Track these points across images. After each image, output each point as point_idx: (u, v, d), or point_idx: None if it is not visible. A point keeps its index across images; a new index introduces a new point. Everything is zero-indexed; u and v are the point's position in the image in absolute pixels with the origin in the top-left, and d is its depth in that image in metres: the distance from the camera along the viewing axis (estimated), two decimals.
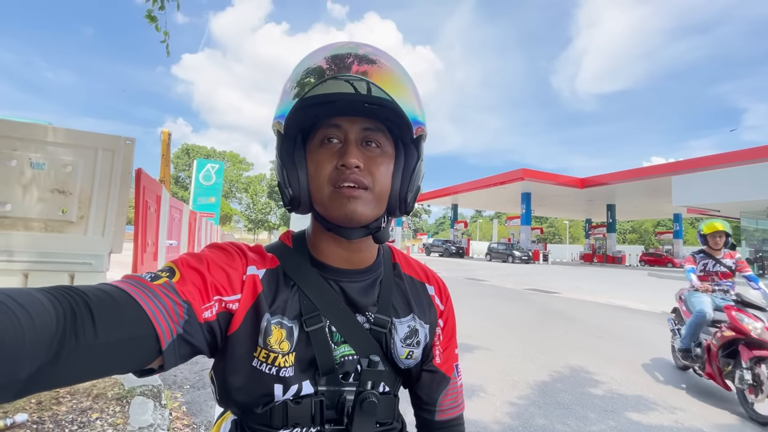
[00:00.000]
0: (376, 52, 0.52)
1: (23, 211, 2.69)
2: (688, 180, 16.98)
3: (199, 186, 20.08)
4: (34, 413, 2.03)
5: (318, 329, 0.53)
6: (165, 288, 0.44)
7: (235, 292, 0.50)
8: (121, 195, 2.97)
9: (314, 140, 0.54)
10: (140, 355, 0.40)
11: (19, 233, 2.69)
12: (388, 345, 0.58)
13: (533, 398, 3.01)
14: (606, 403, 2.95)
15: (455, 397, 0.66)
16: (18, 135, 2.71)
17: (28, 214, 2.70)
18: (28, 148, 2.74)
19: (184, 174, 48.95)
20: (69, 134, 2.85)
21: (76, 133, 2.89)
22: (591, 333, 5.39)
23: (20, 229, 2.70)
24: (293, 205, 0.54)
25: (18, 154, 2.71)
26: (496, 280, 12.77)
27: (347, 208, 0.51)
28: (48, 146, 2.78)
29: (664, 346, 4.69)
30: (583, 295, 9.49)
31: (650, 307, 7.88)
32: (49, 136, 2.75)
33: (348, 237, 0.54)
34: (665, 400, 3.07)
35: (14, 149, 2.72)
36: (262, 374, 0.51)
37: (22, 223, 2.70)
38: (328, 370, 0.53)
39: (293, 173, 0.53)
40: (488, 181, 26.15)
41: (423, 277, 0.66)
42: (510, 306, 7.64)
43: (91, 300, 0.36)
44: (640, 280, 14.27)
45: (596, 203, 28.91)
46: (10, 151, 2.69)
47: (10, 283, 2.62)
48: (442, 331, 0.65)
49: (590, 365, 3.88)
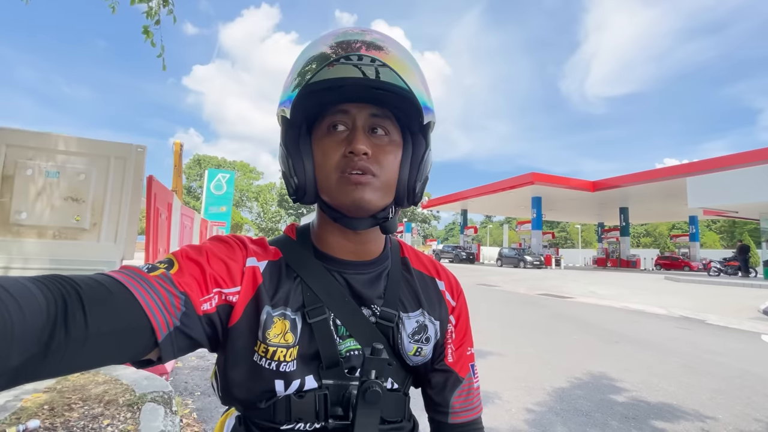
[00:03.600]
0: (383, 38, 0.50)
1: (37, 219, 2.72)
2: (704, 181, 16.57)
3: (211, 195, 20.36)
4: (47, 419, 2.02)
5: (321, 321, 0.52)
6: (161, 279, 0.43)
7: (235, 284, 0.49)
8: (132, 202, 3.00)
9: (320, 127, 0.53)
10: (134, 346, 0.39)
11: (33, 241, 2.73)
12: (395, 340, 0.56)
13: (551, 405, 2.91)
14: (628, 410, 2.84)
15: (471, 399, 0.61)
16: (32, 144, 2.76)
17: (41, 222, 2.73)
18: (42, 157, 2.78)
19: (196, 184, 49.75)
20: (81, 143, 2.89)
21: (88, 141, 2.93)
22: (607, 338, 5.24)
23: (34, 237, 2.73)
24: (298, 194, 0.53)
25: (33, 163, 2.75)
26: (508, 285, 12.58)
27: (355, 194, 0.50)
28: (61, 155, 2.82)
29: (685, 351, 4.53)
30: (597, 300, 9.27)
31: (668, 312, 7.66)
32: (62, 144, 2.79)
33: (355, 227, 0.53)
34: (691, 407, 2.94)
35: (29, 158, 2.76)
36: (262, 369, 0.49)
37: (36, 230, 2.74)
38: (332, 363, 0.51)
39: (299, 161, 0.52)
40: (498, 185, 25.94)
41: (433, 272, 0.64)
42: (523, 311, 7.49)
43: (83, 290, 0.36)
44: (657, 284, 13.92)
45: (608, 206, 28.42)
46: (26, 161, 2.74)
47: None
48: (455, 328, 0.62)
49: (609, 371, 3.76)
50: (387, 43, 0.50)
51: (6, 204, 2.69)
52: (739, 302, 9.02)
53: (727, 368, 3.94)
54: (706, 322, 6.58)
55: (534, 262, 23.58)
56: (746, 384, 3.47)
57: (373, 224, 0.54)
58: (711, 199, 16.24)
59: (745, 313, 7.63)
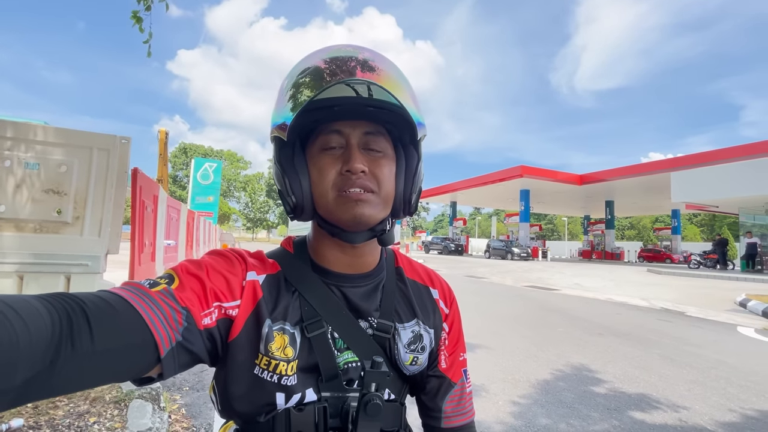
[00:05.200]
0: (374, 56, 0.52)
1: (15, 212, 2.64)
2: (687, 176, 16.95)
3: (197, 185, 20.04)
4: (30, 418, 1.99)
5: (320, 335, 0.52)
6: (163, 295, 0.43)
7: (235, 298, 0.49)
8: (117, 195, 2.93)
9: (314, 145, 0.54)
10: (138, 363, 0.39)
11: (10, 234, 2.64)
12: (392, 351, 0.57)
13: (536, 397, 2.99)
14: (609, 402, 2.93)
15: (463, 404, 0.63)
16: (9, 135, 2.65)
17: (20, 215, 2.65)
18: (21, 147, 2.68)
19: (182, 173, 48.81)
20: (61, 133, 2.80)
21: (68, 132, 2.83)
22: (592, 330, 5.37)
23: (12, 231, 2.65)
24: (296, 212, 0.54)
25: (11, 154, 2.66)
26: (496, 277, 12.76)
27: (355, 210, 0.51)
28: (41, 146, 2.73)
29: (665, 343, 4.68)
30: (582, 292, 9.48)
31: (650, 304, 7.88)
32: (40, 135, 2.69)
33: (353, 241, 0.54)
34: (669, 398, 3.04)
35: (7, 149, 2.66)
36: (263, 382, 0.50)
37: (14, 223, 2.65)
38: (331, 376, 0.52)
39: (295, 180, 0.52)
40: (487, 178, 26.11)
41: (427, 280, 0.65)
42: (510, 303, 7.62)
43: (88, 307, 0.36)
44: (640, 276, 14.29)
45: (595, 200, 28.92)
46: (3, 151, 2.64)
47: (4, 285, 2.57)
48: (448, 335, 0.64)
49: (592, 363, 3.86)
50: (378, 59, 0.51)
51: None
52: (717, 294, 9.33)
53: (704, 359, 4.09)
54: (686, 314, 6.80)
55: (521, 254, 23.93)
56: (721, 375, 3.61)
57: (370, 237, 0.55)
58: (694, 194, 16.63)
59: (723, 305, 7.90)
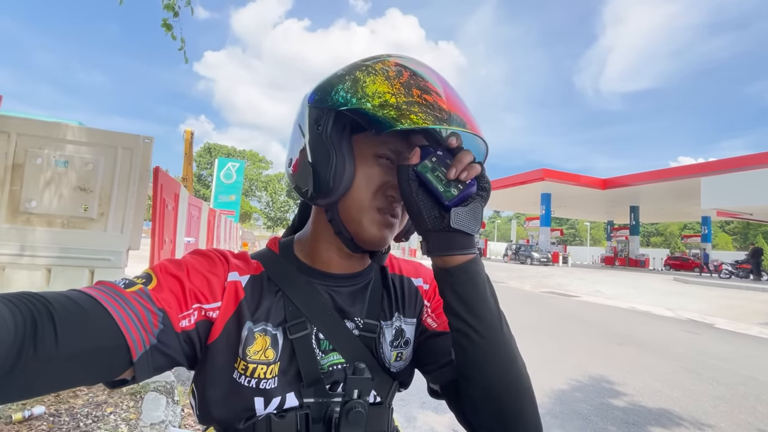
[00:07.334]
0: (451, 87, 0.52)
1: (46, 208, 2.76)
2: (718, 181, 16.16)
3: (220, 184, 20.52)
4: (51, 405, 2.08)
5: (303, 337, 0.51)
6: (138, 296, 0.42)
7: (216, 299, 0.48)
8: (139, 193, 3.03)
9: (367, 143, 0.51)
10: (108, 366, 0.38)
11: (43, 229, 2.77)
12: (378, 351, 0.55)
13: (549, 407, 2.91)
14: (628, 416, 2.82)
15: None
16: (42, 134, 2.79)
17: (51, 211, 2.77)
18: (52, 146, 2.82)
19: (206, 172, 50.17)
20: (89, 133, 2.92)
21: (95, 131, 2.96)
22: (612, 339, 5.20)
23: (44, 226, 2.78)
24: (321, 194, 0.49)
25: (42, 152, 2.79)
26: (514, 282, 12.53)
27: (383, 233, 0.52)
28: (70, 145, 2.85)
29: (690, 356, 4.48)
30: (603, 300, 9.20)
31: (675, 314, 7.56)
32: (70, 134, 2.82)
33: (355, 251, 0.54)
34: (692, 414, 2.91)
35: (39, 147, 2.80)
36: (241, 387, 0.48)
37: (46, 219, 2.78)
38: (313, 381, 0.50)
39: (341, 165, 0.48)
40: (507, 181, 25.68)
41: (413, 273, 0.65)
42: (527, 309, 7.47)
43: (55, 308, 0.35)
44: (665, 285, 13.74)
45: (619, 205, 27.98)
46: (36, 150, 2.78)
47: (34, 278, 2.70)
48: (431, 302, 0.63)
49: (611, 374, 3.74)
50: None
51: (16, 192, 2.74)
52: (750, 306, 8.86)
53: (733, 375, 3.89)
54: (714, 326, 6.49)
55: (541, 259, 23.41)
56: (751, 392, 3.42)
57: (373, 253, 0.56)
58: (725, 200, 15.86)
59: (755, 317, 7.50)
